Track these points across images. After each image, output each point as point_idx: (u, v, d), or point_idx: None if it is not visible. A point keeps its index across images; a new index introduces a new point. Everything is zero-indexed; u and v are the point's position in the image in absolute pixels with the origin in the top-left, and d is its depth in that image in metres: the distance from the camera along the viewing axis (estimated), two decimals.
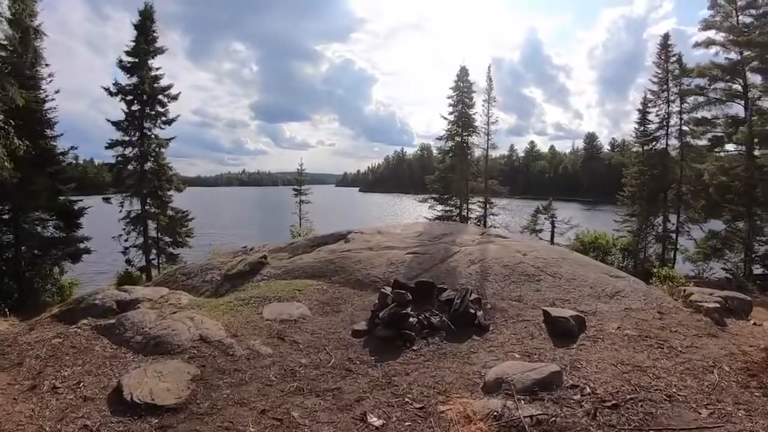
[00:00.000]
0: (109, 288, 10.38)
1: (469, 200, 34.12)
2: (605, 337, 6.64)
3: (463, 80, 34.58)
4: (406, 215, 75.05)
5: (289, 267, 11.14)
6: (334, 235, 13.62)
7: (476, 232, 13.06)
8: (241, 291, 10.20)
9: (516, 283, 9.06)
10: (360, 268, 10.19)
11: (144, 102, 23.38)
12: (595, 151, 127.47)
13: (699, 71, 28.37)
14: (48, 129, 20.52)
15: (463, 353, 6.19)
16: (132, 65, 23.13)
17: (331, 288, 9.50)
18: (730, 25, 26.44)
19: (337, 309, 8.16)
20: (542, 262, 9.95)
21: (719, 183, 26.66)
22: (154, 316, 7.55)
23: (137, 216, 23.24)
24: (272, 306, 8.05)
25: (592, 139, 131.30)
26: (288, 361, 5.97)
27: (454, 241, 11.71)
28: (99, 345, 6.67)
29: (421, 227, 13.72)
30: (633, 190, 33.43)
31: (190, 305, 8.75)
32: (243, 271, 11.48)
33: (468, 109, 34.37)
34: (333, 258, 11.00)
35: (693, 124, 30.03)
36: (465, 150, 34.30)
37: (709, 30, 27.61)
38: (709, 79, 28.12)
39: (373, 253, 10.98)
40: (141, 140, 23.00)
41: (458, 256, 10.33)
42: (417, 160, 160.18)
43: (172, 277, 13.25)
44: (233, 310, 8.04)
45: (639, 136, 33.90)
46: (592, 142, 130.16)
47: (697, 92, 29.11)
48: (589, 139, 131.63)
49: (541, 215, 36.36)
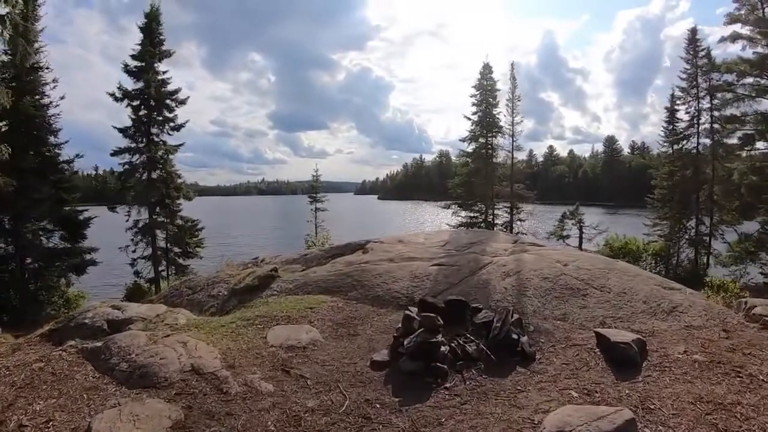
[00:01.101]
0: (101, 306, 9.51)
1: (494, 206, 32.90)
2: (672, 365, 5.71)
3: (487, 78, 33.33)
4: (427, 223, 73.86)
5: (302, 281, 10.27)
6: (351, 245, 12.70)
7: (508, 241, 12.01)
8: (247, 308, 9.38)
9: (559, 298, 8.06)
10: (380, 283, 9.24)
11: (151, 107, 22.72)
12: (615, 155, 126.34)
13: (726, 67, 27.19)
14: (51, 136, 19.98)
15: (508, 391, 5.16)
16: (138, 69, 22.48)
17: (347, 305, 8.56)
18: (757, 18, 25.27)
19: (353, 332, 7.18)
20: (587, 274, 8.92)
21: (750, 183, 25.47)
22: (144, 340, 6.74)
23: (145, 226, 22.56)
24: (278, 329, 7.09)
25: (611, 142, 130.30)
26: (292, 402, 5.00)
27: (484, 250, 10.69)
28: (81, 373, 5.99)
29: (446, 235, 12.70)
30: (663, 192, 32.19)
31: (188, 326, 7.88)
32: (251, 285, 10.69)
33: (492, 108, 33.09)
34: (350, 271, 10.08)
35: (723, 121, 28.71)
36: (490, 152, 33.03)
37: (735, 24, 26.32)
38: (737, 74, 26.90)
39: (394, 265, 10.01)
40: (148, 147, 22.40)
41: (490, 268, 9.32)
42: (436, 166, 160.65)
43: (178, 291, 12.46)
44: (234, 333, 7.13)
45: (668, 135, 32.63)
46: (611, 145, 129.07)
47: (726, 88, 27.82)
48: (608, 143, 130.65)
49: (567, 220, 35.17)
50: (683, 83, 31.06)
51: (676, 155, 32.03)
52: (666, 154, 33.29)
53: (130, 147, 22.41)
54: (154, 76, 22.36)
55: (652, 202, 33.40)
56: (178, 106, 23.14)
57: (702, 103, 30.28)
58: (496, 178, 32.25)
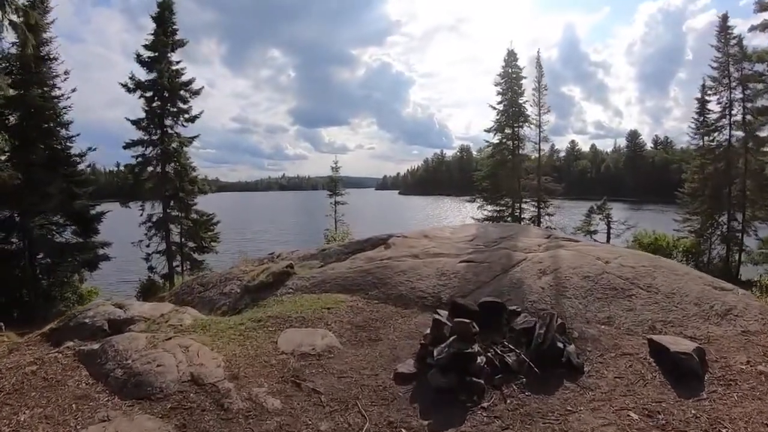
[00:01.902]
0: (104, 304, 9.02)
1: (521, 199, 31.89)
2: (737, 378, 5.08)
3: (511, 65, 32.12)
4: (449, 218, 72.93)
5: (319, 278, 9.68)
6: (372, 240, 12.02)
7: (540, 235, 11.21)
8: (260, 307, 8.84)
9: (602, 300, 7.32)
10: (403, 281, 8.57)
11: (164, 98, 22.34)
12: (638, 149, 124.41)
13: (758, 56, 26.66)
14: (62, 129, 19.65)
15: (557, 413, 4.44)
16: (151, 60, 22.11)
17: (368, 305, 7.92)
18: None
19: (374, 336, 6.51)
20: (631, 272, 8.14)
21: None
22: (143, 343, 6.21)
23: (159, 220, 22.18)
24: (291, 333, 6.44)
25: (634, 136, 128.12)
26: (301, 424, 4.33)
27: (515, 246, 9.93)
28: (74, 378, 5.60)
29: (474, 230, 11.95)
30: (694, 187, 31.40)
31: (193, 328, 7.33)
32: (265, 282, 10.13)
33: (518, 97, 31.91)
34: (371, 267, 9.44)
35: (755, 113, 27.98)
36: (516, 143, 31.94)
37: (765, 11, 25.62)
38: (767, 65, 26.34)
39: (419, 262, 9.32)
40: (161, 139, 22.00)
41: (524, 265, 8.58)
42: (456, 161, 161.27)
43: (189, 288, 12.01)
44: (242, 337, 6.53)
45: (699, 126, 31.74)
46: (634, 140, 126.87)
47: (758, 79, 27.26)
48: (631, 137, 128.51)
49: (595, 215, 34.24)
50: (714, 72, 30.18)
51: (707, 148, 31.19)
52: (696, 146, 32.52)
53: (143, 139, 22.04)
54: (167, 66, 21.93)
55: (682, 197, 32.66)
56: (192, 97, 22.75)
57: (734, 93, 29.39)
58: (522, 170, 31.17)
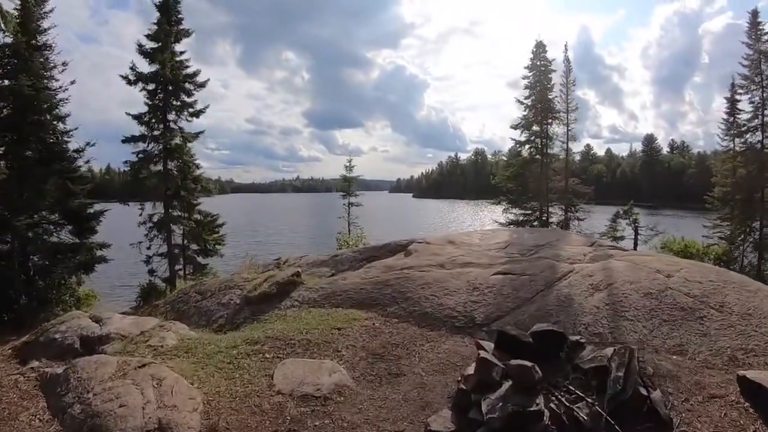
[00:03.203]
0: (79, 317, 8.04)
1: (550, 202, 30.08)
2: None
3: (540, 58, 30.37)
4: (470, 221, 71.09)
5: (329, 289, 8.64)
6: (390, 245, 10.89)
7: (583, 243, 9.98)
8: (260, 322, 7.88)
9: (669, 323, 6.22)
10: (428, 296, 7.42)
11: (167, 91, 21.23)
12: (654, 154, 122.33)
13: None
14: (58, 122, 18.68)
15: None
16: (153, 50, 20.92)
17: (387, 325, 6.80)
18: None
19: (395, 369, 5.34)
20: (698, 288, 6.98)
21: None
22: (111, 370, 5.28)
23: (160, 220, 21.18)
24: (292, 365, 5.26)
25: (650, 141, 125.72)
26: None
27: (557, 255, 8.73)
28: (29, 412, 4.89)
29: (505, 235, 10.74)
30: (725, 191, 30.12)
31: (176, 350, 6.30)
32: (268, 293, 9.08)
33: (547, 92, 30.10)
34: (389, 278, 8.31)
35: None
36: (545, 141, 30.12)
37: None
38: None
39: (445, 273, 8.15)
40: (163, 134, 21.00)
41: (571, 279, 7.38)
42: (471, 165, 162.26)
43: (186, 296, 11.04)
44: (232, 366, 5.44)
45: (729, 127, 30.45)
46: (650, 144, 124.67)
47: None
48: (647, 141, 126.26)
49: (621, 220, 32.88)
50: (745, 70, 29.01)
51: (738, 150, 30.05)
52: (727, 148, 31.36)
53: (145, 134, 21.00)
54: (170, 56, 20.89)
55: (711, 201, 31.41)
56: (196, 90, 21.60)
57: (767, 91, 28.25)
58: (550, 171, 29.73)
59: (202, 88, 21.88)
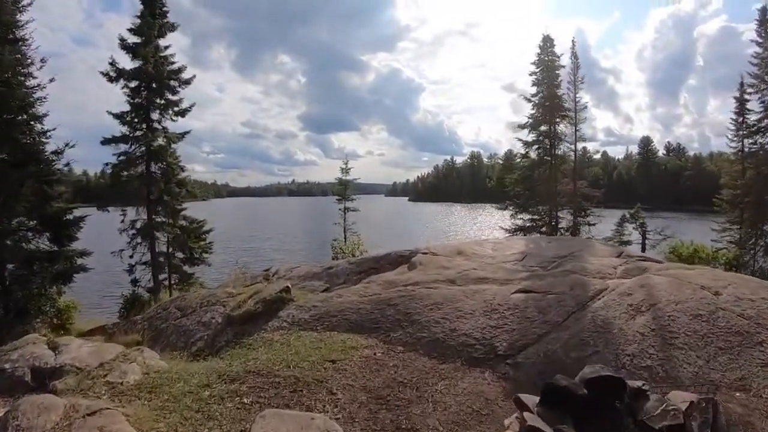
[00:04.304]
0: (36, 341, 7.08)
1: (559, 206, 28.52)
2: None
3: (548, 52, 29.21)
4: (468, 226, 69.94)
5: (322, 308, 7.71)
6: (391, 256, 9.95)
7: (609, 253, 9.05)
8: (242, 348, 6.95)
9: (726, 351, 5.39)
10: (438, 318, 6.49)
11: (151, 89, 20.23)
12: (650, 156, 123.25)
13: None
14: (35, 122, 17.63)
15: None
16: (136, 45, 19.88)
17: (390, 356, 5.87)
18: None
19: (405, 423, 4.33)
20: (751, 307, 6.12)
21: None
22: (55, 419, 4.38)
23: (143, 227, 20.11)
24: (273, 420, 4.13)
25: (646, 143, 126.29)
26: None
27: (584, 268, 7.79)
28: None
29: (521, 245, 9.81)
30: (734, 193, 29.63)
31: (137, 388, 5.38)
32: (252, 312, 8.15)
33: (555, 89, 28.89)
34: (392, 296, 7.38)
35: None
36: (554, 141, 28.85)
37: None
38: None
39: (457, 290, 7.20)
40: (146, 134, 19.91)
41: (607, 299, 6.47)
42: (467, 168, 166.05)
43: (165, 312, 10.26)
44: (201, 414, 4.49)
45: (738, 128, 30.00)
46: (646, 146, 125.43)
47: None
48: (643, 144, 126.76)
49: (627, 224, 32.11)
50: (754, 69, 28.62)
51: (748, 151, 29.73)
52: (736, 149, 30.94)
53: (126, 135, 19.93)
54: (153, 51, 19.83)
55: (720, 204, 30.90)
56: (182, 87, 20.59)
57: None
58: (560, 173, 28.66)
59: (187, 85, 20.86)
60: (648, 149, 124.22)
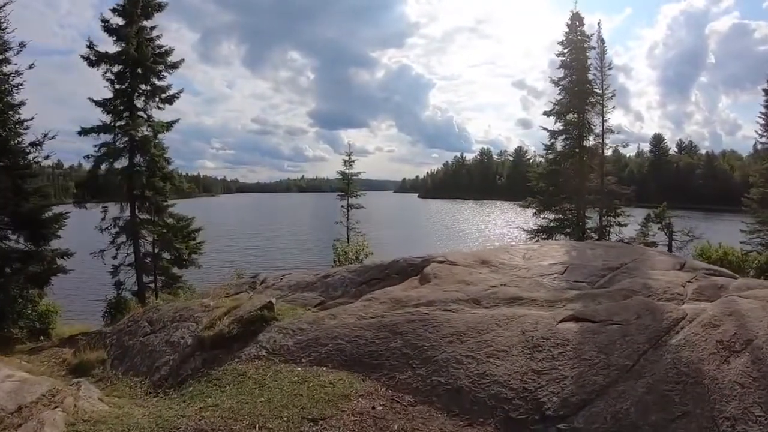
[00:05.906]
0: None
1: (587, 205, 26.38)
2: None
3: (577, 32, 26.44)
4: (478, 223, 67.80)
5: (311, 333, 6.29)
6: (399, 264, 8.45)
7: (672, 265, 7.43)
8: (208, 384, 5.66)
9: None
10: (461, 356, 4.98)
11: (135, 73, 18.69)
12: (662, 154, 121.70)
13: None
14: (12, 112, 16.20)
15: None
16: (120, 27, 18.08)
17: (395, 413, 4.44)
18: None
19: None
20: None
21: None
22: None
23: (126, 225, 18.61)
24: None
25: (658, 141, 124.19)
26: None
27: (647, 286, 6.20)
28: None
29: (560, 253, 8.18)
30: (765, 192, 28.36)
31: None
32: (226, 334, 6.78)
33: (585, 73, 26.22)
34: (398, 320, 5.88)
35: None
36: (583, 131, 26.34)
37: None
38: None
39: (484, 315, 5.65)
40: (128, 123, 18.36)
41: (687, 332, 4.90)
42: (477, 165, 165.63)
43: (135, 325, 9.23)
44: None
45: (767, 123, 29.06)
46: (658, 144, 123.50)
47: None
48: (655, 141, 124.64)
49: (652, 224, 30.44)
50: None
51: None
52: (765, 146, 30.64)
53: (107, 124, 18.41)
54: (136, 32, 18.26)
55: (750, 204, 29.71)
56: (168, 71, 19.00)
57: None
58: (588, 167, 26.23)
59: (174, 69, 19.28)
60: (660, 147, 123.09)
